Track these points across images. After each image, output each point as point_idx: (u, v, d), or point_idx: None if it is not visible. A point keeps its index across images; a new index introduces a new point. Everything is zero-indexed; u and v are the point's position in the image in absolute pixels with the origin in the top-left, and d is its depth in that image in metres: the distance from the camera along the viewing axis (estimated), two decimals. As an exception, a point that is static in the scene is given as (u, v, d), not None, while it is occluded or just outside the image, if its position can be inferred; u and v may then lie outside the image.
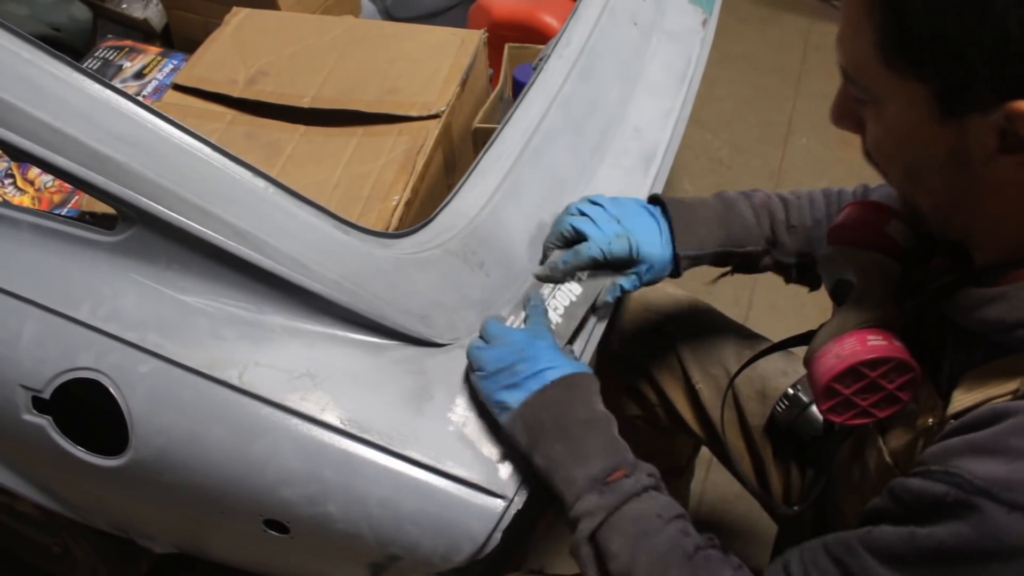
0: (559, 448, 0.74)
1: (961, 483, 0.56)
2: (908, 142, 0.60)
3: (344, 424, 0.78)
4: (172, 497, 0.84)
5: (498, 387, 0.77)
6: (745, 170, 2.18)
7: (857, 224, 0.78)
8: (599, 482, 0.73)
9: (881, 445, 0.74)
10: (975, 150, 0.57)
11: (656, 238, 0.89)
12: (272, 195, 0.81)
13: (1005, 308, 0.60)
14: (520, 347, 0.79)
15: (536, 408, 0.75)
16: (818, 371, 0.71)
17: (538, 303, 0.86)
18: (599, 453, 0.74)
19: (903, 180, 0.65)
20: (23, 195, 1.35)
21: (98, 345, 0.80)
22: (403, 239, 0.88)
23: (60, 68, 0.77)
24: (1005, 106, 0.52)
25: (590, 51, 1.13)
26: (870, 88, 0.60)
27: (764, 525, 1.04)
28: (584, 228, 0.88)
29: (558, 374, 0.77)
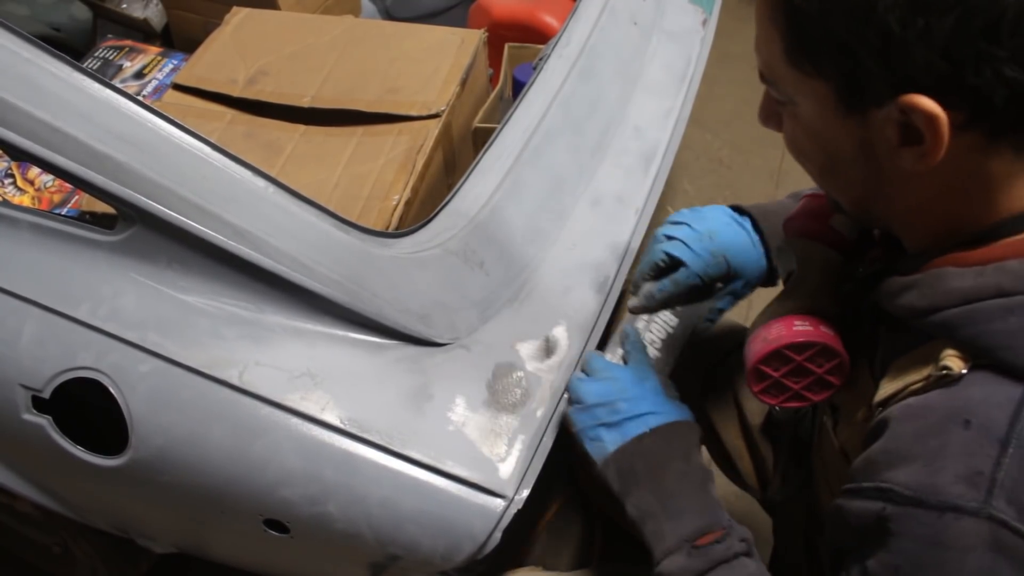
0: (651, 500, 0.73)
1: (892, 496, 0.57)
2: (819, 138, 0.62)
3: (344, 424, 0.78)
4: (172, 497, 0.84)
5: (595, 423, 0.76)
6: (745, 170, 2.18)
7: (804, 215, 0.81)
8: (689, 543, 0.71)
9: (833, 438, 0.75)
10: (879, 144, 0.59)
11: (750, 250, 0.87)
12: (272, 195, 0.81)
13: (916, 295, 0.62)
14: (624, 385, 0.77)
15: (631, 456, 0.74)
16: (748, 354, 0.74)
17: (635, 338, 0.84)
18: (693, 511, 0.73)
19: (820, 175, 0.67)
20: (23, 195, 1.35)
21: (98, 345, 0.80)
22: (403, 239, 0.88)
23: (60, 68, 0.77)
24: (899, 99, 0.54)
25: (590, 51, 1.13)
26: (783, 89, 0.63)
27: (764, 525, 1.04)
28: (679, 254, 0.85)
29: (659, 421, 0.75)
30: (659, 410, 0.76)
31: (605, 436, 0.75)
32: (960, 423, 0.56)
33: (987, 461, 0.54)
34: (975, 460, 0.55)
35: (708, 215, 0.89)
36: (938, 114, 0.53)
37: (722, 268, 0.85)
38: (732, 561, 0.71)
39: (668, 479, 0.74)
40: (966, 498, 0.54)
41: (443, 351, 0.85)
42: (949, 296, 0.59)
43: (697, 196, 2.10)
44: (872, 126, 0.58)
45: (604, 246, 0.99)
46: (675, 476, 0.74)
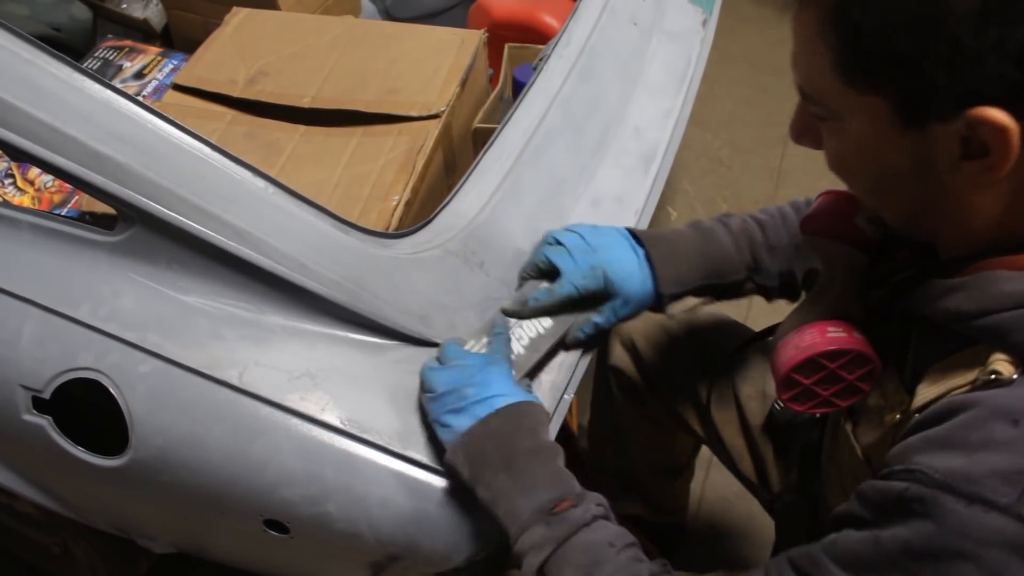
0: (502, 479, 0.72)
1: (921, 478, 0.56)
2: (871, 155, 0.60)
3: (344, 424, 0.78)
4: (172, 497, 0.84)
5: (444, 410, 0.75)
6: (745, 170, 2.18)
7: (826, 214, 0.79)
8: (545, 513, 0.70)
9: (853, 442, 0.74)
10: (939, 158, 0.57)
11: (635, 272, 0.86)
12: (272, 195, 0.81)
13: (964, 298, 0.60)
14: (472, 371, 0.76)
15: (479, 438, 0.73)
16: (778, 362, 0.72)
17: (502, 330, 0.83)
18: (545, 484, 0.72)
19: (868, 193, 0.65)
20: (23, 195, 1.35)
21: (98, 345, 0.80)
22: (403, 239, 0.88)
23: (60, 68, 0.77)
24: (965, 113, 0.53)
25: (590, 51, 1.13)
26: (829, 105, 0.60)
27: (764, 525, 1.04)
28: (558, 260, 0.85)
29: (505, 402, 0.74)
30: (505, 392, 0.75)
31: (453, 422, 0.74)
32: (1008, 421, 0.55)
33: None
34: (1017, 458, 0.54)
35: (602, 231, 0.89)
36: (1009, 126, 0.52)
37: (599, 283, 0.84)
38: (592, 524, 0.71)
39: (517, 458, 0.72)
40: (999, 493, 0.53)
41: (443, 351, 0.85)
42: (1001, 299, 0.58)
43: (697, 196, 2.11)
44: (932, 141, 0.56)
45: (604, 246, 0.99)
46: (524, 454, 0.73)
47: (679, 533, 1.40)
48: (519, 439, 0.73)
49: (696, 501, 1.50)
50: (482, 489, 0.73)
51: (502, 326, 0.83)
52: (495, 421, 0.74)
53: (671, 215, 2.05)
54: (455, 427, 0.74)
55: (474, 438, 0.73)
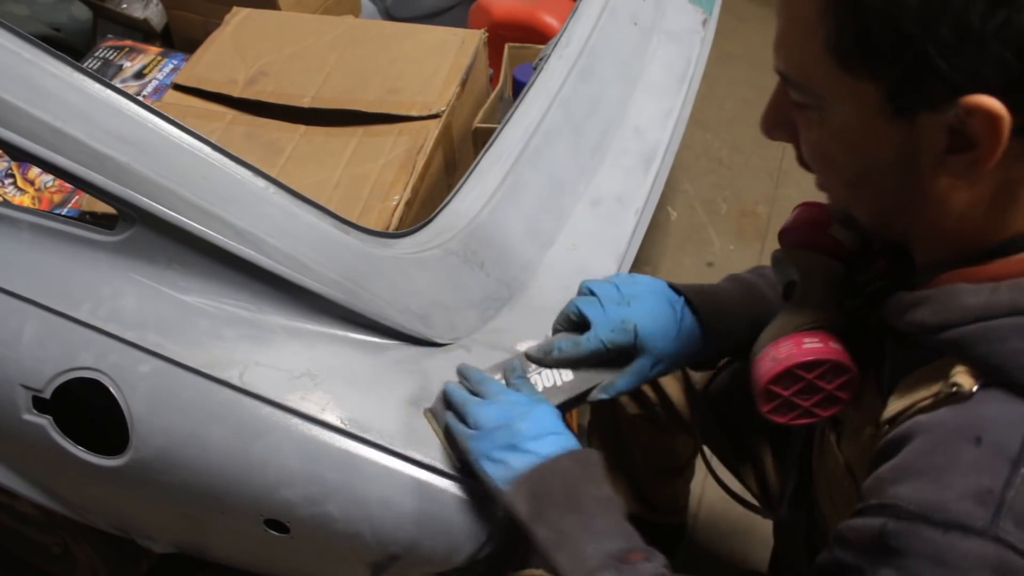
0: (571, 521, 0.69)
1: (896, 512, 0.56)
2: (854, 145, 0.59)
3: (344, 424, 0.78)
4: (172, 497, 0.84)
5: (495, 446, 0.72)
6: (745, 170, 2.18)
7: (803, 225, 0.79)
8: (616, 559, 0.68)
9: (837, 452, 0.73)
10: (923, 151, 0.56)
11: (669, 327, 0.81)
12: (272, 195, 0.81)
13: (927, 311, 0.60)
14: (522, 409, 0.74)
15: (547, 476, 0.71)
16: (756, 374, 0.71)
17: (521, 374, 0.80)
18: (616, 533, 0.70)
19: (844, 186, 0.64)
20: (23, 195, 1.35)
21: (98, 345, 0.80)
22: (403, 239, 0.88)
23: (60, 68, 0.77)
24: (960, 101, 0.52)
25: (590, 51, 1.13)
26: (816, 91, 0.58)
27: (764, 525, 1.04)
28: (589, 312, 0.81)
29: (566, 442, 0.73)
30: (562, 431, 0.74)
31: (510, 458, 0.71)
32: (971, 440, 0.54)
33: (997, 480, 0.53)
34: (984, 478, 0.53)
35: (640, 281, 0.85)
36: (1003, 115, 0.51)
37: (629, 338, 0.80)
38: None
39: (586, 502, 0.70)
40: (973, 516, 0.52)
41: (443, 351, 0.85)
42: (962, 313, 0.58)
43: (697, 196, 2.11)
44: (919, 132, 0.55)
45: (604, 247, 1.00)
46: (592, 500, 0.71)
47: (679, 533, 1.39)
48: (588, 485, 0.72)
49: (696, 501, 1.50)
50: (544, 529, 0.70)
51: (520, 369, 0.81)
52: (565, 462, 0.72)
53: (671, 215, 2.05)
54: (510, 463, 0.72)
55: (542, 476, 0.71)
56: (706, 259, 1.96)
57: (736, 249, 1.98)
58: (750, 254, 1.96)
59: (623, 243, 1.00)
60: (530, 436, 0.72)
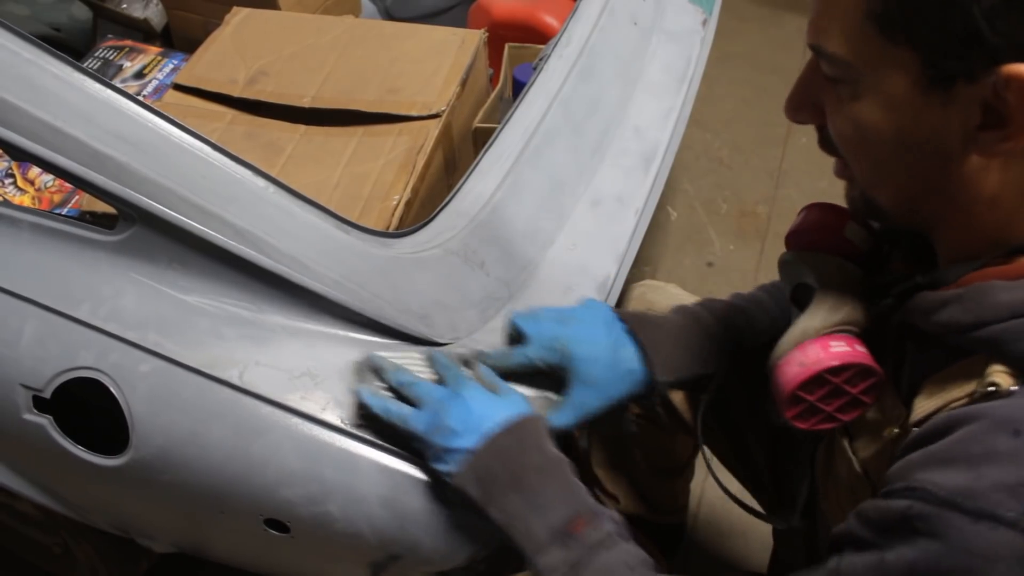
0: (515, 500, 0.71)
1: (924, 496, 0.55)
2: (886, 121, 0.58)
3: (344, 423, 0.78)
4: (172, 496, 0.84)
5: (435, 448, 0.73)
6: (745, 170, 2.18)
7: (815, 227, 0.78)
8: (561, 533, 0.69)
9: (851, 455, 0.73)
10: (956, 127, 0.56)
11: (604, 355, 0.80)
12: (272, 195, 0.81)
13: (959, 310, 0.59)
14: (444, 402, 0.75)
15: (487, 458, 0.72)
16: (782, 379, 0.70)
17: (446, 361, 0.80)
18: (558, 501, 0.71)
19: (870, 168, 0.63)
20: (23, 195, 1.35)
21: (99, 344, 0.80)
22: (403, 239, 0.88)
23: (60, 68, 0.77)
24: (999, 69, 0.51)
25: (590, 51, 1.13)
26: (854, 63, 0.57)
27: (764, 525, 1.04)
28: (524, 327, 0.82)
29: (498, 418, 0.73)
30: (490, 410, 0.74)
31: (449, 456, 0.73)
32: (1009, 432, 0.54)
33: None
34: (1021, 470, 0.52)
35: (586, 306, 0.85)
36: None
37: (557, 357, 0.79)
38: (609, 545, 0.70)
39: (528, 475, 0.71)
40: (1005, 507, 0.52)
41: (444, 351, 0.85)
42: (997, 310, 0.57)
43: (697, 196, 2.11)
44: (953, 105, 0.55)
45: (604, 246, 1.00)
46: (534, 471, 0.72)
47: (679, 533, 1.39)
48: (527, 456, 0.73)
49: (696, 501, 1.50)
50: (495, 511, 0.71)
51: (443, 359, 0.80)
52: (501, 439, 0.73)
53: (671, 215, 2.05)
54: (452, 459, 0.73)
55: (481, 459, 0.72)
56: (706, 259, 1.96)
57: (736, 249, 1.98)
58: (750, 254, 1.96)
59: (623, 243, 1.00)
60: (459, 431, 0.73)
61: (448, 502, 0.77)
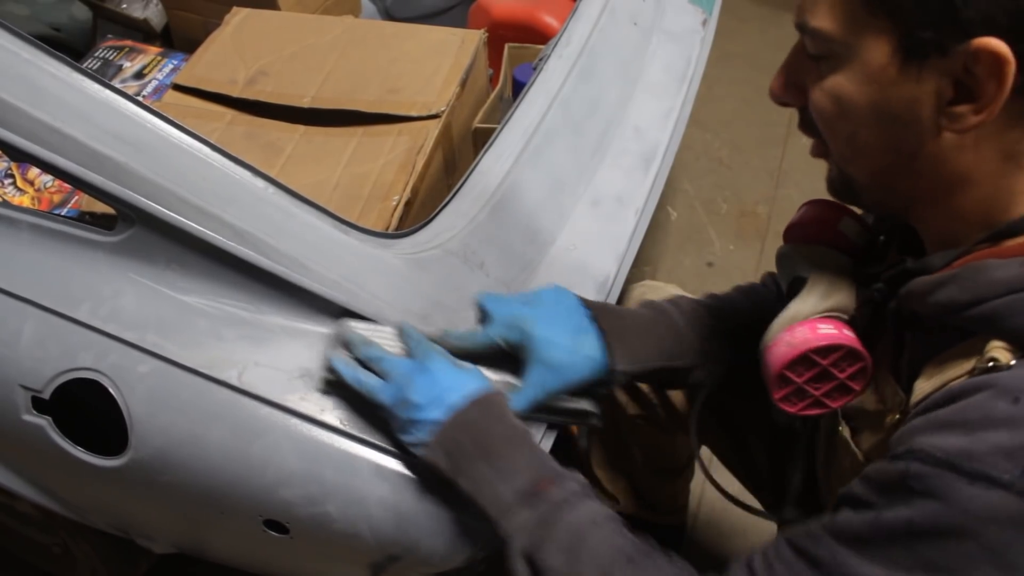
0: (483, 468, 0.72)
1: (924, 457, 0.56)
2: (862, 95, 0.60)
3: (344, 424, 0.78)
4: (172, 497, 0.84)
5: (402, 423, 0.74)
6: (745, 170, 2.18)
7: (810, 222, 0.80)
8: (528, 494, 0.71)
9: (855, 448, 0.74)
10: (929, 101, 0.58)
11: (564, 338, 0.80)
12: (272, 195, 0.81)
13: (956, 290, 0.60)
14: (407, 376, 0.75)
15: (454, 430, 0.73)
16: (770, 359, 0.72)
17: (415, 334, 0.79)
18: (523, 467, 0.72)
19: (846, 143, 0.65)
20: (23, 195, 1.35)
21: (98, 345, 0.80)
22: (403, 239, 0.88)
23: (60, 68, 0.77)
24: (971, 42, 0.54)
25: (590, 51, 1.13)
26: (836, 36, 0.60)
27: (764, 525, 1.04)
28: (489, 306, 0.83)
29: (463, 391, 0.74)
30: (455, 383, 0.75)
31: (416, 429, 0.73)
32: (1009, 399, 0.55)
33: None
34: (1018, 435, 0.54)
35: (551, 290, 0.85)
36: (1009, 59, 0.53)
37: (518, 336, 0.80)
38: (573, 502, 0.71)
39: (493, 444, 0.73)
40: (1001, 469, 0.53)
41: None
42: (993, 286, 0.58)
43: (697, 196, 2.11)
44: (927, 78, 0.57)
45: (604, 247, 0.99)
46: (499, 440, 0.73)
47: (679, 533, 1.39)
48: (492, 426, 0.74)
49: (696, 501, 1.50)
50: (464, 480, 0.73)
51: (413, 331, 0.80)
52: (468, 412, 0.74)
53: (671, 215, 2.05)
54: (419, 433, 0.74)
55: (450, 432, 0.73)
56: (706, 259, 1.96)
57: (736, 249, 1.98)
58: (750, 254, 1.96)
59: (623, 243, 1.00)
60: (423, 404, 0.74)
61: (448, 503, 0.77)
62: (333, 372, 0.77)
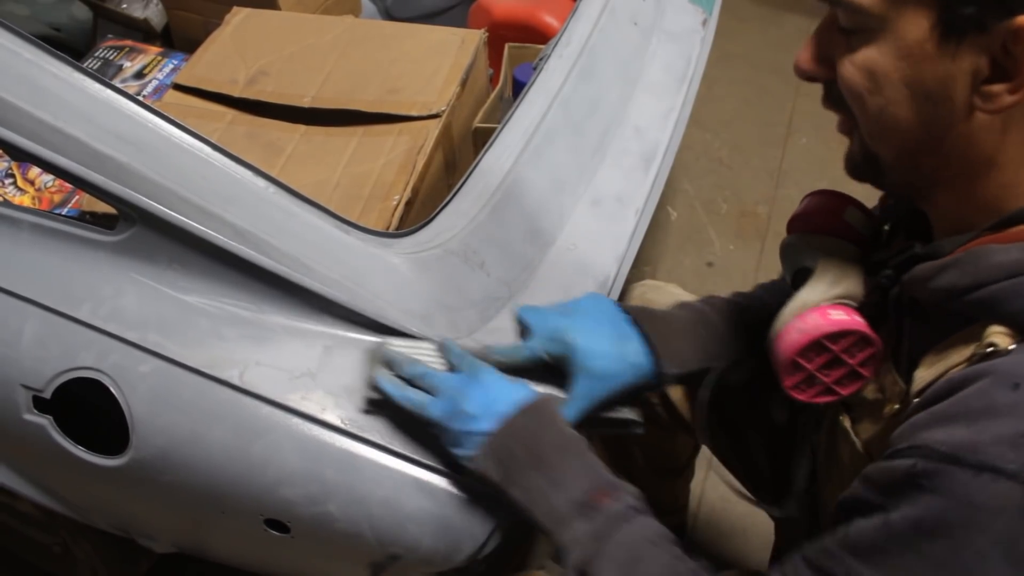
0: (536, 477, 0.71)
1: (927, 453, 0.56)
2: (896, 71, 0.59)
3: (345, 424, 0.78)
4: (173, 497, 0.84)
5: (454, 434, 0.74)
6: (745, 170, 2.18)
7: (816, 212, 0.80)
8: (583, 505, 0.70)
9: (854, 438, 0.73)
10: (963, 79, 0.57)
11: (610, 347, 0.80)
12: (272, 195, 0.81)
13: (957, 274, 0.60)
14: (461, 389, 0.74)
15: (505, 439, 0.72)
16: (782, 346, 0.71)
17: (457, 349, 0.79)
18: (578, 476, 0.72)
19: (875, 119, 0.63)
20: (23, 195, 1.35)
21: (99, 345, 0.80)
22: (403, 239, 0.88)
23: (61, 68, 0.77)
24: (1010, 21, 0.53)
25: (590, 51, 1.13)
26: (872, 10, 0.58)
27: (764, 525, 1.04)
28: (530, 319, 0.82)
29: (514, 401, 0.74)
30: (505, 393, 0.74)
31: (468, 440, 0.73)
32: (1008, 386, 0.54)
33: None
34: (1021, 423, 0.53)
35: (589, 298, 0.85)
36: None
37: (563, 348, 0.79)
38: (630, 518, 0.70)
39: (547, 453, 0.72)
40: (1006, 459, 0.52)
41: (443, 351, 0.85)
42: (993, 271, 0.58)
43: (697, 196, 2.11)
44: (964, 56, 0.56)
45: (604, 246, 1.00)
46: (552, 449, 0.72)
47: (679, 533, 1.39)
48: (544, 434, 0.73)
49: (696, 501, 1.50)
50: (517, 491, 0.72)
51: (455, 346, 0.79)
52: (518, 420, 0.73)
53: (671, 215, 2.05)
54: (470, 444, 0.73)
55: (501, 440, 0.72)
56: (706, 259, 1.96)
57: (736, 249, 1.98)
58: (750, 254, 1.96)
59: (623, 243, 1.00)
60: (477, 416, 0.73)
61: (448, 502, 0.77)
62: (379, 391, 0.77)
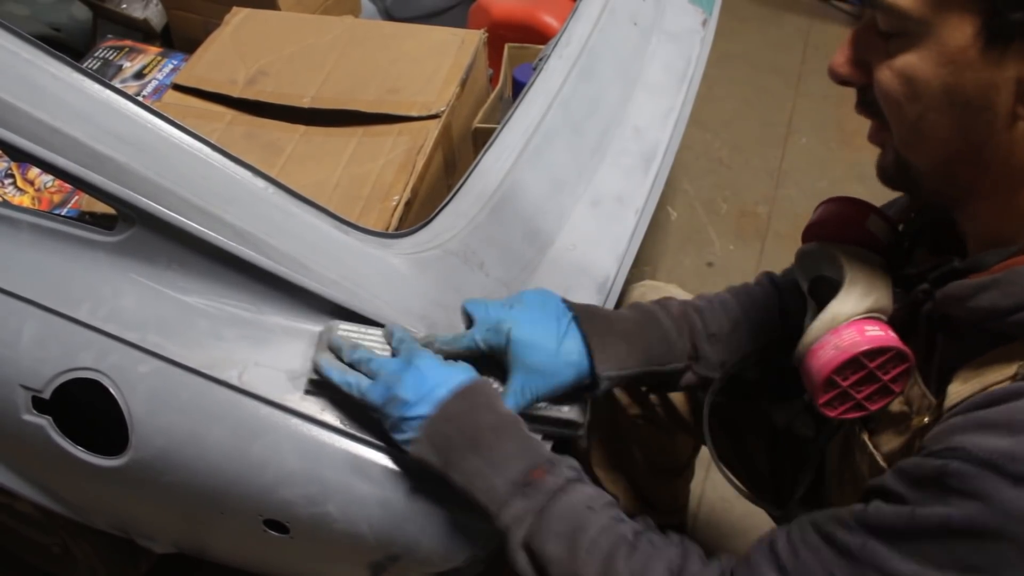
0: (474, 460, 0.71)
1: (964, 455, 0.55)
2: (936, 77, 0.58)
3: (344, 424, 0.78)
4: (172, 497, 0.84)
5: (392, 419, 0.73)
6: (745, 170, 2.18)
7: (836, 219, 0.78)
8: (522, 484, 0.70)
9: (872, 450, 0.73)
10: (1007, 88, 0.55)
11: (547, 342, 0.79)
12: (272, 195, 0.81)
13: (998, 295, 0.59)
14: (395, 375, 0.74)
15: (442, 424, 0.72)
16: (817, 364, 0.70)
17: (403, 335, 0.79)
18: (515, 456, 0.71)
19: (911, 127, 0.61)
20: (23, 195, 1.35)
21: (98, 345, 0.80)
22: (403, 239, 0.88)
23: (60, 68, 0.77)
24: None
25: (590, 51, 1.13)
26: (914, 14, 0.56)
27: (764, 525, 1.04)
28: (473, 311, 0.82)
29: (448, 384, 0.73)
30: (442, 378, 0.74)
31: (406, 425, 0.73)
32: None
33: None
34: None
35: (534, 293, 0.84)
36: None
37: (501, 340, 0.78)
38: (567, 488, 0.70)
39: (483, 435, 0.72)
40: None
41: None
42: None
43: (697, 196, 2.11)
44: (1009, 63, 0.55)
45: (604, 246, 1.00)
46: (489, 430, 0.72)
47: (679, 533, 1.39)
48: (480, 416, 0.73)
49: (696, 501, 1.50)
50: (456, 474, 0.72)
51: (401, 331, 0.79)
52: (453, 404, 0.73)
53: (671, 215, 2.05)
54: (408, 430, 0.73)
55: (435, 425, 0.72)
56: (706, 259, 1.96)
57: (736, 249, 1.98)
58: (750, 254, 1.96)
59: (623, 243, 1.00)
60: (412, 401, 0.73)
61: (447, 502, 0.77)
62: (319, 374, 0.77)
